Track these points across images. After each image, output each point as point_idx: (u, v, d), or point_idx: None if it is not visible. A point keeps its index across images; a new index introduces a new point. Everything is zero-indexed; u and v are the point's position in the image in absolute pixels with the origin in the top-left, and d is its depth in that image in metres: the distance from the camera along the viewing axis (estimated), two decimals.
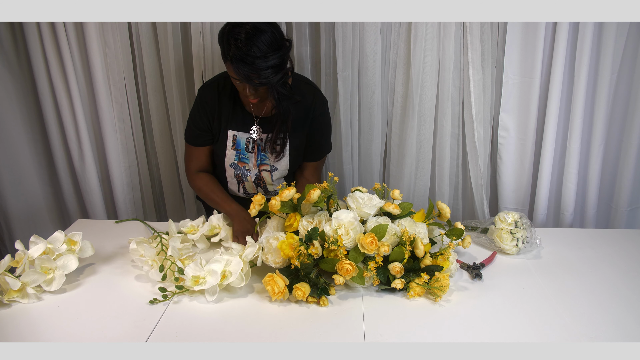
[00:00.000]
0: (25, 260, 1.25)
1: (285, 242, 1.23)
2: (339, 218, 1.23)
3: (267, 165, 1.55)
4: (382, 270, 1.24)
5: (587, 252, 1.45)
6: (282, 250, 1.22)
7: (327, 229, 1.23)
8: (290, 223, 1.32)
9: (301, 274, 1.22)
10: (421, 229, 1.30)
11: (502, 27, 1.71)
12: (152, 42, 1.85)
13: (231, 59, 1.26)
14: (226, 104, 1.49)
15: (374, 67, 1.77)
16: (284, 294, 1.20)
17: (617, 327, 1.13)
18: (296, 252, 1.19)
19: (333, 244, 1.19)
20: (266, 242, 1.29)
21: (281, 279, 1.20)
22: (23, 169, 2.04)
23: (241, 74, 1.27)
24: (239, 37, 1.25)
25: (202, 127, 1.52)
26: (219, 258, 1.26)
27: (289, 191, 1.30)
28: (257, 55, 1.24)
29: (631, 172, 1.77)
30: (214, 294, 1.22)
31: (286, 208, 1.33)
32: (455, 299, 1.23)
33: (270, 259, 1.27)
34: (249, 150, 1.53)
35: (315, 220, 1.29)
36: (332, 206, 1.33)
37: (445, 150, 1.87)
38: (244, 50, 1.24)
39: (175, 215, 2.16)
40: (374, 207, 1.29)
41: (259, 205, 1.34)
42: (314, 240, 1.22)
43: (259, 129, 1.50)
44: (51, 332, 1.13)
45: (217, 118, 1.50)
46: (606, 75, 1.66)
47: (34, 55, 1.82)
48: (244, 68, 1.25)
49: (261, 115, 1.51)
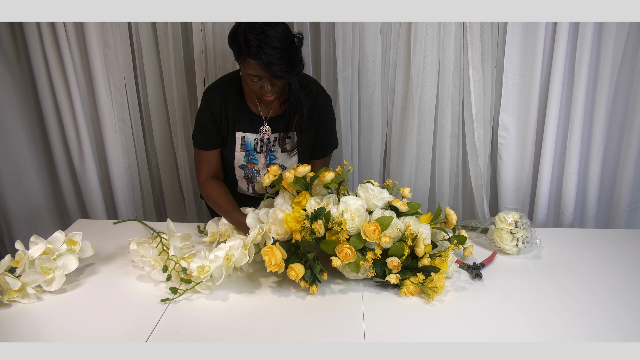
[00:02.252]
0: (25, 260, 1.25)
1: (291, 215, 1.25)
2: (347, 203, 1.25)
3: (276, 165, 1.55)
4: (379, 262, 1.25)
5: (587, 252, 1.45)
6: (287, 222, 1.24)
7: (333, 211, 1.25)
8: (299, 200, 1.33)
9: (301, 251, 1.24)
10: (425, 229, 1.31)
11: (502, 27, 1.71)
12: (152, 42, 1.85)
13: (254, 52, 1.26)
14: (233, 105, 1.49)
15: (374, 67, 1.77)
16: (279, 266, 1.22)
17: (617, 327, 1.13)
18: (299, 225, 1.21)
19: (337, 225, 1.21)
20: (272, 213, 1.31)
21: (280, 252, 1.23)
22: (23, 169, 2.04)
23: (264, 65, 1.27)
24: (256, 31, 1.26)
25: (210, 130, 1.51)
26: (222, 246, 1.27)
27: (304, 167, 1.32)
28: (278, 45, 1.26)
29: (631, 172, 1.77)
30: (221, 276, 1.22)
31: (299, 185, 1.34)
32: (455, 299, 1.24)
33: (273, 229, 1.30)
34: (258, 151, 1.54)
35: (324, 202, 1.30)
36: (342, 192, 1.34)
37: (445, 150, 1.87)
38: (264, 42, 1.25)
39: (175, 215, 2.16)
40: (382, 200, 1.30)
41: (273, 175, 1.35)
42: (318, 220, 1.23)
43: (269, 129, 1.51)
44: (51, 332, 1.13)
45: (225, 120, 1.50)
46: (606, 75, 1.66)
47: (34, 55, 1.82)
48: (267, 58, 1.26)
49: (269, 115, 1.51)
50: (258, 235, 1.31)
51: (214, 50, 1.78)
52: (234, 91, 1.49)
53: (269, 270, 1.22)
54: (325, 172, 1.29)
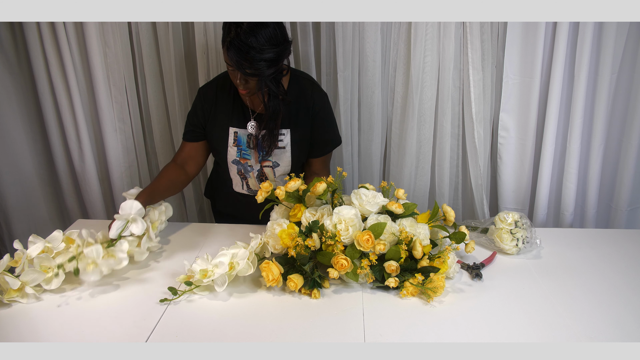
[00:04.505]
0: (24, 260, 1.25)
1: (285, 231, 1.26)
2: (340, 213, 1.25)
3: (269, 162, 1.55)
4: (377, 267, 1.25)
5: (587, 252, 1.45)
6: (281, 239, 1.26)
7: (327, 223, 1.25)
8: (295, 213, 1.34)
9: (297, 264, 1.24)
10: (422, 230, 1.30)
11: (502, 27, 1.71)
12: (152, 42, 1.85)
13: (228, 44, 1.28)
14: (225, 100, 1.50)
15: (374, 67, 1.77)
16: (277, 281, 1.22)
17: (617, 327, 1.13)
18: (294, 242, 1.21)
19: (330, 239, 1.20)
20: (270, 226, 1.32)
21: (276, 267, 1.23)
22: (23, 169, 2.04)
23: (233, 60, 1.29)
24: (241, 25, 1.27)
25: (194, 122, 1.55)
26: (225, 252, 1.27)
27: (294, 182, 1.31)
28: (253, 45, 1.26)
29: (631, 172, 1.77)
30: (224, 284, 1.23)
31: (291, 199, 1.34)
32: (455, 299, 1.23)
33: (271, 243, 1.31)
34: (250, 147, 1.54)
35: (319, 213, 1.30)
36: (336, 200, 1.34)
37: (445, 150, 1.87)
38: (242, 38, 1.26)
39: (175, 215, 2.15)
40: (376, 205, 1.30)
41: (265, 192, 1.35)
42: (313, 233, 1.23)
43: (255, 124, 1.51)
44: (51, 332, 1.13)
45: (215, 114, 1.51)
46: (606, 75, 1.66)
47: (34, 55, 1.82)
48: (237, 55, 1.27)
49: (257, 111, 1.51)
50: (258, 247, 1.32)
51: (215, 50, 1.78)
52: (228, 87, 1.50)
53: (268, 285, 1.23)
54: (317, 183, 1.28)
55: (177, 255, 1.45)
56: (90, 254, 1.25)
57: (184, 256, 1.42)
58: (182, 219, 2.17)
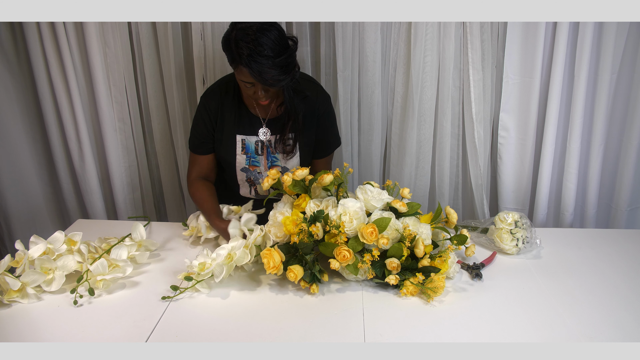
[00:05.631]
0: (25, 261, 1.25)
1: (289, 218, 1.27)
2: (346, 205, 1.25)
3: (278, 167, 1.55)
4: (378, 264, 1.25)
5: (587, 252, 1.45)
6: (285, 225, 1.26)
7: (332, 214, 1.25)
8: (299, 203, 1.34)
9: (299, 252, 1.24)
10: (424, 230, 1.30)
11: (502, 27, 1.71)
12: (152, 42, 1.85)
13: (245, 61, 1.25)
14: (230, 108, 1.49)
15: (374, 67, 1.77)
16: (278, 269, 1.22)
17: (617, 327, 1.13)
18: (298, 228, 1.22)
19: (335, 228, 1.21)
20: (272, 215, 1.33)
21: (278, 254, 1.23)
22: (23, 169, 2.04)
23: (255, 74, 1.26)
24: (248, 39, 1.24)
25: (204, 134, 1.52)
26: (223, 246, 1.28)
27: (302, 171, 1.32)
28: (269, 54, 1.25)
29: (631, 172, 1.77)
30: (221, 274, 1.22)
31: (297, 188, 1.34)
32: (455, 299, 1.24)
33: (273, 231, 1.32)
34: (259, 153, 1.54)
35: (323, 204, 1.31)
36: (340, 193, 1.35)
37: (445, 150, 1.87)
38: (256, 50, 1.24)
39: (175, 215, 2.16)
40: (381, 202, 1.30)
41: (272, 179, 1.36)
42: (317, 222, 1.23)
43: (268, 131, 1.51)
44: (51, 332, 1.13)
45: (221, 124, 1.50)
46: (606, 75, 1.66)
47: (34, 55, 1.82)
48: (258, 68, 1.25)
49: (268, 117, 1.51)
50: (258, 237, 1.32)
51: (213, 50, 1.78)
52: (231, 94, 1.49)
53: (268, 272, 1.22)
54: (324, 174, 1.29)
55: (178, 255, 1.46)
56: (97, 270, 1.26)
57: (185, 256, 1.42)
58: (182, 219, 2.16)
